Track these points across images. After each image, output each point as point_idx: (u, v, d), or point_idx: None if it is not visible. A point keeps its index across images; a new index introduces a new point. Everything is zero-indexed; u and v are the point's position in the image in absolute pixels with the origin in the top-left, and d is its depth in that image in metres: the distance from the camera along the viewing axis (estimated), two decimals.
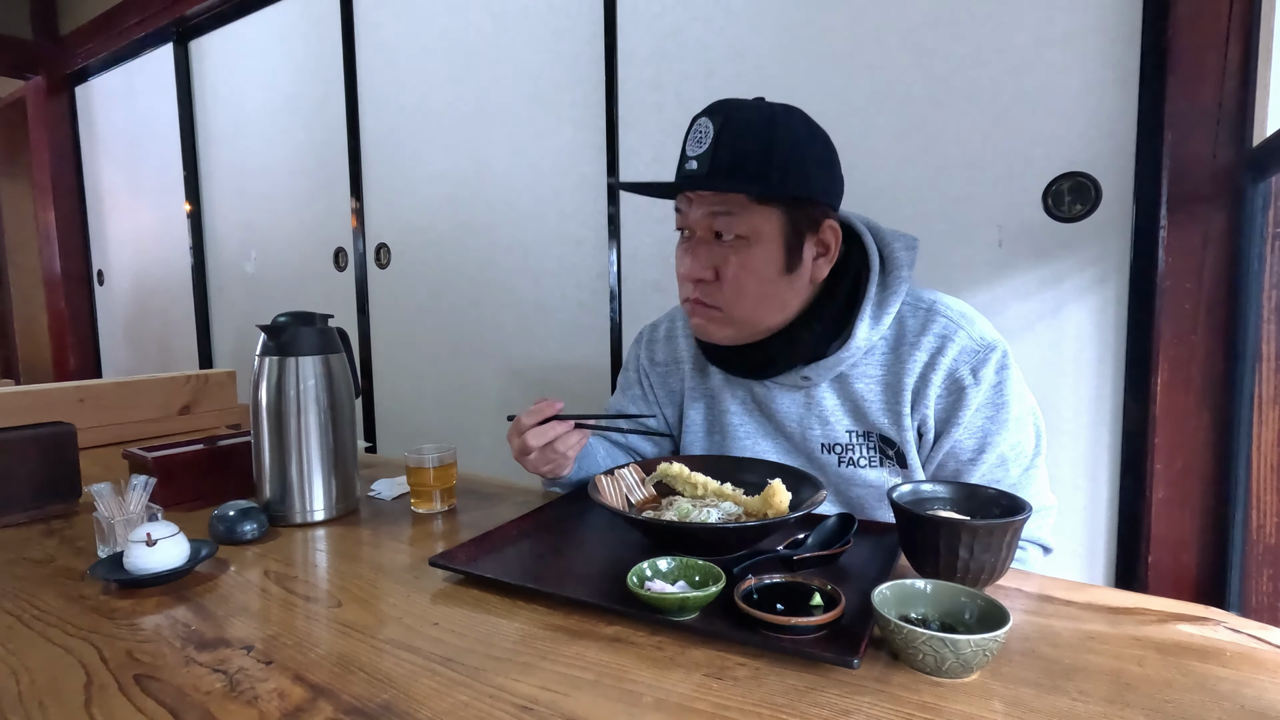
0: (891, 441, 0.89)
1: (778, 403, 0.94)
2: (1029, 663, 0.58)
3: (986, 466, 0.86)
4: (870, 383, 0.89)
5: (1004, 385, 0.85)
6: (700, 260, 0.86)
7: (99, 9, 3.13)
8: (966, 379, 0.84)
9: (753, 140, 0.80)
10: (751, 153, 0.80)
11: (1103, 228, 1.24)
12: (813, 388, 0.91)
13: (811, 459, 0.93)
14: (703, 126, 0.83)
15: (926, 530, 0.68)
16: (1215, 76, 1.10)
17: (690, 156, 0.83)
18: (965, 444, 0.86)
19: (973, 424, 0.85)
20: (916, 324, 0.88)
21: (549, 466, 0.92)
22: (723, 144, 0.80)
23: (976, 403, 0.84)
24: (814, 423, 0.92)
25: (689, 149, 0.84)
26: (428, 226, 2.20)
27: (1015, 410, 0.86)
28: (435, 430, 2.27)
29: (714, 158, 0.80)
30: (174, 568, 0.77)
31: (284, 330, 0.99)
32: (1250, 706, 0.52)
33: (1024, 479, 0.87)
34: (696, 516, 0.82)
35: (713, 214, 0.84)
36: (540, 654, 0.61)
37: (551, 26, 1.86)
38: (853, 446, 0.90)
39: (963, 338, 0.85)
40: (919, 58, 1.38)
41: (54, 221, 3.45)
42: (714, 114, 0.82)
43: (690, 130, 0.85)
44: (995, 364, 0.85)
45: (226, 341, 2.96)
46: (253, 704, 0.55)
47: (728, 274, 0.85)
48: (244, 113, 2.70)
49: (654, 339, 1.10)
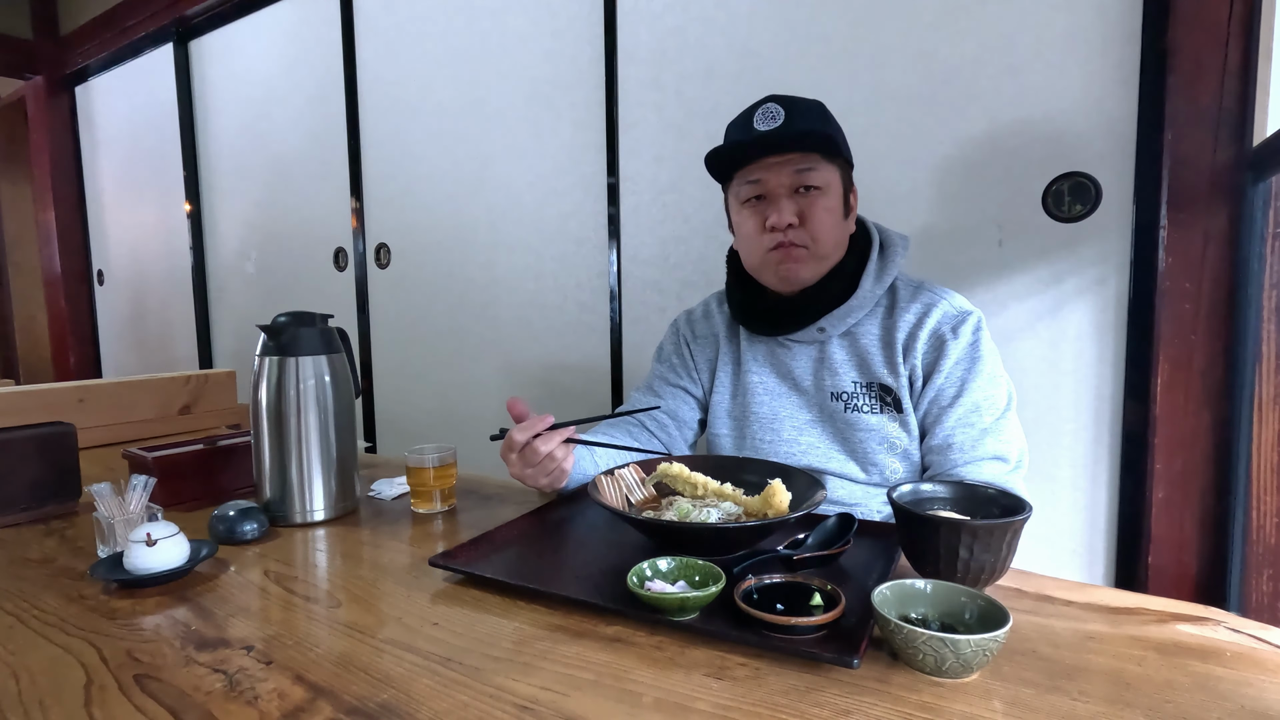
0: (889, 389, 1.02)
1: (795, 359, 1.09)
2: (1029, 663, 0.58)
3: (963, 410, 0.98)
4: (871, 339, 1.05)
5: (978, 344, 1.00)
6: (788, 210, 1.00)
7: (99, 9, 3.13)
8: (948, 335, 1.00)
9: (816, 117, 1.02)
10: (818, 124, 1.01)
11: (1103, 228, 1.24)
12: (826, 342, 1.06)
13: (823, 408, 1.06)
14: (771, 109, 1.00)
15: (926, 530, 0.68)
16: (1215, 76, 1.10)
17: (765, 131, 1.00)
18: (946, 390, 0.99)
19: (953, 374, 0.99)
20: (908, 293, 1.05)
21: (547, 479, 0.95)
22: (794, 119, 0.99)
23: (955, 355, 0.99)
24: (825, 375, 1.06)
25: (761, 124, 1.00)
26: (428, 226, 2.20)
27: (988, 366, 0.99)
28: (435, 430, 2.27)
29: (791, 128, 0.99)
30: (174, 568, 0.77)
31: (284, 330, 0.99)
32: (1250, 706, 0.52)
33: (995, 425, 0.98)
34: (696, 516, 0.82)
35: (798, 171, 1.00)
36: (540, 654, 0.61)
37: (551, 26, 1.86)
38: (856, 395, 1.04)
39: (945, 305, 1.03)
40: (919, 58, 1.38)
41: (54, 221, 3.46)
42: (777, 99, 1.01)
43: (755, 112, 1.01)
44: (971, 326, 1.00)
45: (226, 341, 2.96)
46: (253, 704, 0.55)
47: (814, 216, 1.01)
48: (244, 112, 2.70)
49: (693, 319, 1.24)
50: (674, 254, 1.73)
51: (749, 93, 1.57)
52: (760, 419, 1.09)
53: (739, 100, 1.59)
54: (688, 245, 1.71)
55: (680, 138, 1.69)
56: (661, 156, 1.72)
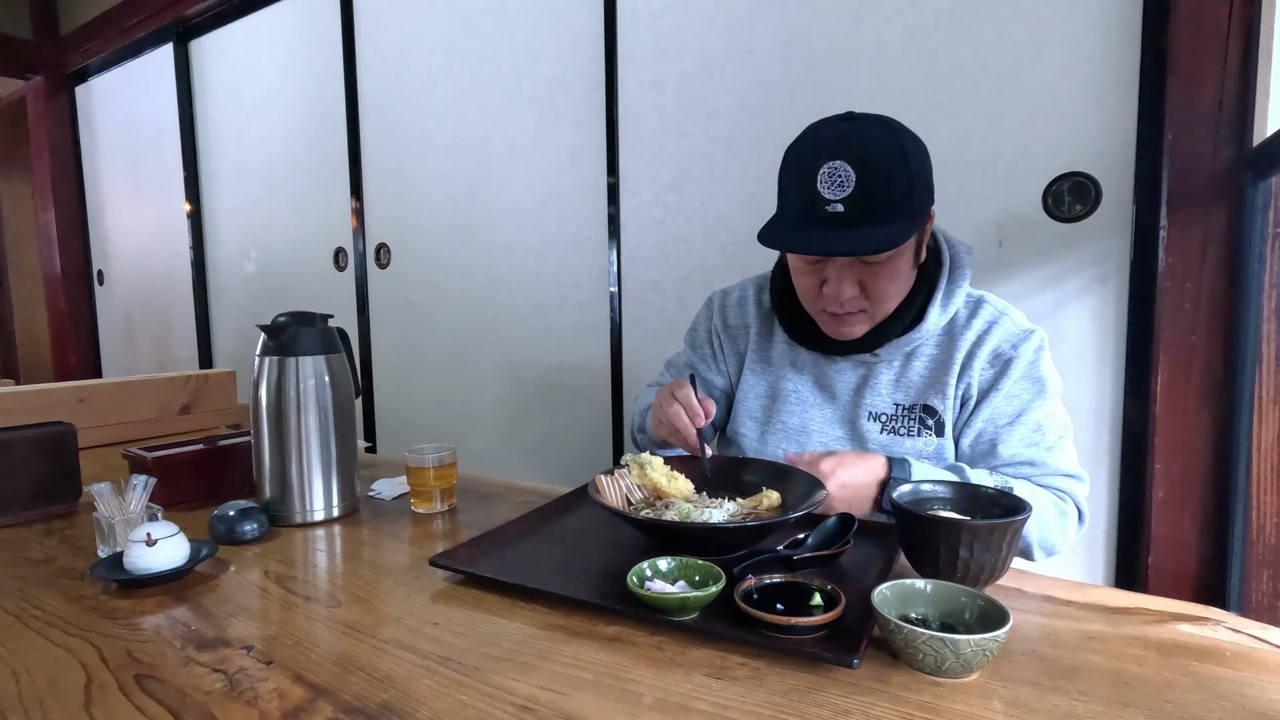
0: (934, 410, 0.97)
1: (839, 373, 1.02)
2: (1029, 663, 0.58)
3: (1024, 430, 0.93)
4: (925, 360, 0.98)
5: (1040, 363, 0.94)
6: (849, 286, 0.91)
7: (99, 9, 3.13)
8: (1009, 352, 0.94)
9: (897, 178, 0.84)
10: (898, 191, 0.84)
11: (1103, 228, 1.24)
12: (877, 363, 1.00)
13: (855, 425, 1.01)
14: (841, 171, 0.83)
15: (926, 530, 0.68)
16: (1215, 76, 1.10)
17: (833, 200, 0.84)
18: (1003, 410, 0.94)
19: (1012, 392, 0.94)
20: (967, 311, 0.98)
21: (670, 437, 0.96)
22: (868, 188, 0.83)
23: (1017, 374, 0.93)
24: (866, 392, 1.00)
25: (827, 191, 0.84)
26: (428, 226, 2.20)
27: (1051, 386, 0.94)
28: (435, 430, 2.27)
29: (863, 202, 0.83)
30: (174, 568, 0.77)
31: (284, 330, 0.99)
32: (1250, 706, 0.52)
33: (1059, 445, 0.93)
34: (698, 517, 0.82)
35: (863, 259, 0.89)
36: (540, 654, 0.61)
37: (551, 26, 1.86)
38: (896, 417, 0.99)
39: (1007, 323, 0.96)
40: (919, 58, 1.38)
41: (54, 221, 3.46)
42: (849, 157, 0.83)
43: (819, 171, 0.84)
44: (1034, 344, 0.94)
45: (226, 341, 2.96)
46: (253, 704, 0.55)
47: (877, 289, 0.91)
48: (244, 113, 2.71)
49: (726, 304, 1.15)
50: (674, 254, 1.73)
51: (749, 93, 1.58)
52: (788, 428, 1.04)
53: (739, 100, 1.60)
54: (688, 245, 1.71)
55: (680, 138, 1.69)
56: (661, 156, 1.72)
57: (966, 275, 0.96)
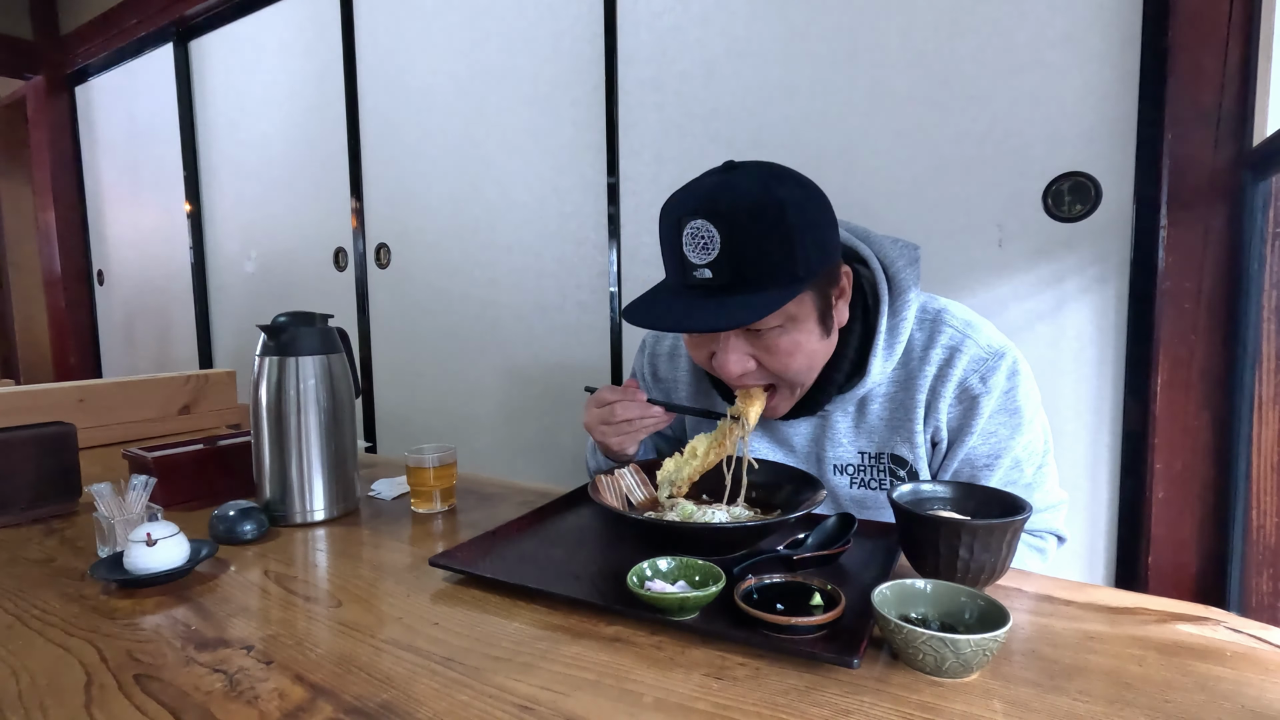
0: (903, 460, 0.89)
1: (792, 427, 0.94)
2: (1029, 663, 0.58)
3: (1002, 470, 0.87)
4: (883, 401, 0.89)
5: (1015, 391, 0.85)
6: (737, 362, 0.81)
7: (99, 9, 3.13)
8: (977, 387, 0.84)
9: (773, 238, 0.72)
10: (774, 253, 0.72)
11: (1103, 228, 1.24)
12: (832, 411, 0.92)
13: (822, 479, 0.91)
14: (704, 231, 0.72)
15: (926, 530, 0.68)
16: (1215, 77, 1.10)
17: (698, 265, 0.74)
18: (980, 450, 0.86)
19: (986, 430, 0.85)
20: (924, 337, 0.87)
21: (619, 439, 0.91)
22: (736, 250, 0.72)
23: (989, 410, 0.85)
24: (826, 445, 0.92)
25: (692, 254, 0.74)
26: (428, 226, 2.20)
27: (1028, 414, 0.86)
28: (435, 430, 2.27)
29: (731, 267, 0.72)
30: (174, 568, 0.77)
31: (284, 330, 0.99)
32: (1250, 706, 0.52)
33: (1037, 476, 0.89)
34: (700, 517, 0.82)
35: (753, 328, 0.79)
36: (540, 654, 0.61)
37: (551, 26, 1.86)
38: (864, 468, 0.91)
39: (971, 347, 0.85)
40: (919, 58, 1.38)
41: (54, 221, 3.45)
42: (712, 216, 0.72)
43: (683, 231, 0.74)
44: (1005, 371, 0.85)
45: (226, 341, 2.96)
46: (253, 704, 0.55)
47: (775, 364, 0.81)
48: (244, 113, 2.70)
49: (656, 353, 1.08)
50: None
51: (749, 93, 1.58)
52: None
53: (739, 100, 1.60)
54: None
55: (680, 138, 1.69)
56: (661, 156, 1.72)
57: (912, 289, 0.85)
